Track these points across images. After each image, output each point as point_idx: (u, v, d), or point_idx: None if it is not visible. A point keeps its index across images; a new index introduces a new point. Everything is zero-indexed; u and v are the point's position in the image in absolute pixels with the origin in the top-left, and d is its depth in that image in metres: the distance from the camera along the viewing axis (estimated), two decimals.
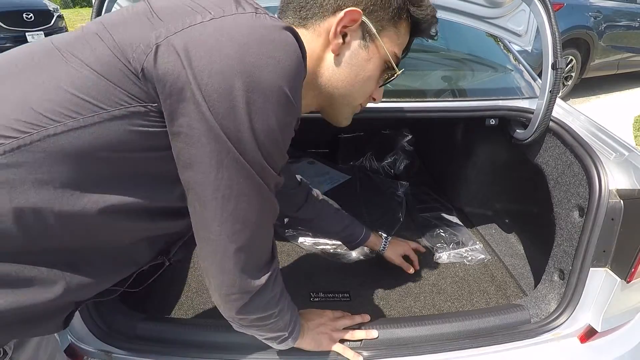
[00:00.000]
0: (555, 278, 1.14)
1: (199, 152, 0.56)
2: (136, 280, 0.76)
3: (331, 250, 1.54)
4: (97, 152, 0.55)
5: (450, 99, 1.43)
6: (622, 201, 0.98)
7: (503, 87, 1.53)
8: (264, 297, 0.72)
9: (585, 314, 1.06)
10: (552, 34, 1.09)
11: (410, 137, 2.20)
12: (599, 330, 1.05)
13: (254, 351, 0.98)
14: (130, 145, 0.57)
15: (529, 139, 1.25)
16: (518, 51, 1.68)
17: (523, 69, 1.58)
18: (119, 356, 0.98)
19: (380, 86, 0.81)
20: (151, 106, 0.56)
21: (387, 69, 0.77)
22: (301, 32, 0.70)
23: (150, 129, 0.57)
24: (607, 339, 1.09)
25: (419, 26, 0.77)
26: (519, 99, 1.36)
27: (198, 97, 0.54)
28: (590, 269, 1.03)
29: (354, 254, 1.53)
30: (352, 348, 0.99)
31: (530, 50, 1.39)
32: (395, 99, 1.28)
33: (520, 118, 1.32)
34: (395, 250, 1.37)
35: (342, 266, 1.49)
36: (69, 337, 1.00)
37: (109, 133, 0.55)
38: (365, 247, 1.42)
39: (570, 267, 1.07)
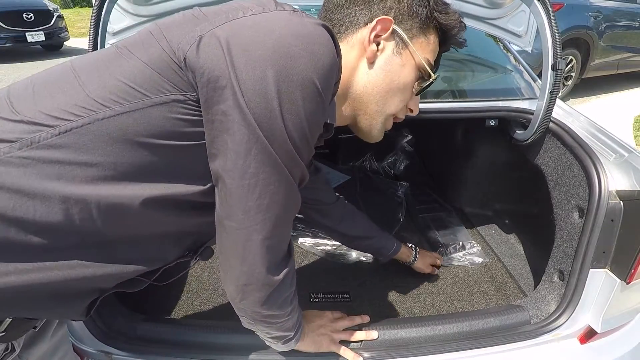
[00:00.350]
0: (555, 279, 1.15)
1: (230, 138, 0.58)
2: (162, 275, 0.77)
3: (331, 251, 1.54)
4: (138, 137, 0.58)
5: (450, 100, 1.43)
6: (621, 202, 0.98)
7: (503, 87, 1.53)
8: (282, 294, 0.73)
9: (585, 314, 1.06)
10: (552, 34, 1.09)
11: (410, 137, 2.20)
12: (598, 331, 1.05)
13: (254, 352, 0.98)
14: (168, 133, 0.59)
15: (529, 140, 1.25)
16: (518, 52, 1.68)
17: (523, 69, 1.58)
18: (119, 357, 0.98)
19: (417, 94, 0.83)
20: (190, 95, 0.58)
21: (421, 76, 0.79)
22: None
23: (187, 117, 0.59)
24: (606, 340, 1.09)
25: (448, 34, 0.80)
26: (519, 99, 1.36)
27: (235, 84, 0.55)
28: (590, 269, 1.03)
29: (354, 255, 1.53)
30: (352, 349, 0.99)
31: (530, 51, 1.39)
32: None
33: (520, 119, 1.32)
34: (424, 261, 1.41)
35: (342, 266, 1.49)
36: (69, 337, 1.00)
37: (150, 119, 0.58)
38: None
39: (570, 268, 1.07)
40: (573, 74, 5.26)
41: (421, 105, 1.32)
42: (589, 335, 1.07)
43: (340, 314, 1.08)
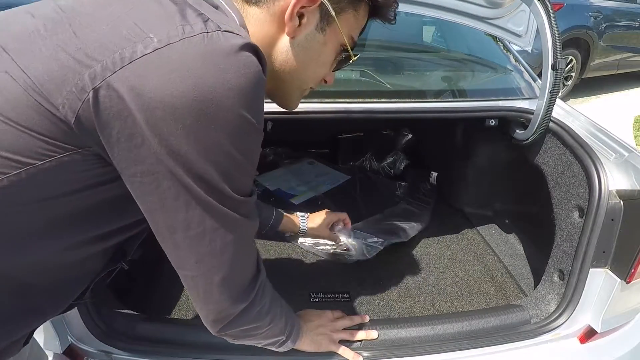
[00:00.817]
0: (555, 278, 1.15)
1: (162, 196, 0.53)
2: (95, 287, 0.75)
3: (331, 251, 1.54)
4: (39, 201, 0.52)
5: (450, 100, 1.43)
6: (621, 202, 0.98)
7: (503, 87, 1.53)
8: (251, 312, 0.70)
9: (585, 314, 1.06)
10: (552, 34, 1.09)
11: (410, 137, 2.20)
12: (598, 330, 1.05)
13: (254, 352, 0.98)
14: (73, 188, 0.53)
15: (529, 140, 1.25)
16: (518, 51, 1.68)
17: (523, 69, 1.58)
18: (119, 356, 0.98)
19: (334, 70, 0.77)
20: (88, 150, 0.51)
21: (342, 51, 0.72)
22: (253, 11, 0.63)
23: (92, 171, 0.53)
24: (606, 340, 1.09)
25: (380, 9, 0.72)
26: (519, 99, 1.36)
27: (153, 142, 0.48)
28: (590, 269, 1.03)
29: (354, 255, 1.53)
30: (352, 349, 0.99)
31: (530, 51, 1.39)
32: (395, 99, 1.28)
33: (520, 119, 1.32)
34: (317, 222, 1.31)
35: (342, 266, 1.49)
36: (69, 337, 1.00)
37: (44, 183, 0.51)
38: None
39: (570, 268, 1.07)
40: (573, 74, 5.26)
41: (422, 105, 1.32)
42: (589, 335, 1.07)
43: (340, 314, 1.08)
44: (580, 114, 1.34)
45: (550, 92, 1.13)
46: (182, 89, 0.47)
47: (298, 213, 1.30)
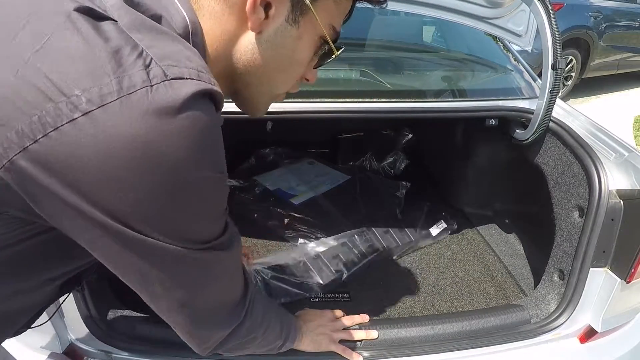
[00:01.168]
0: (555, 278, 1.14)
1: (117, 263, 0.48)
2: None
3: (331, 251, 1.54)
4: None
5: (450, 99, 1.43)
6: (622, 201, 0.98)
7: (503, 87, 1.53)
8: (242, 329, 0.67)
9: (585, 314, 1.06)
10: (552, 34, 1.09)
11: (410, 137, 2.20)
12: (598, 330, 1.05)
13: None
14: (8, 243, 0.48)
15: (529, 139, 1.25)
16: (518, 51, 1.68)
17: (523, 69, 1.58)
18: (119, 356, 0.98)
19: (316, 67, 0.65)
20: (6, 214, 0.45)
21: (323, 44, 0.59)
22: (207, 3, 0.51)
23: (22, 228, 0.48)
24: (607, 340, 1.09)
25: None
26: (519, 99, 1.36)
27: (97, 219, 0.42)
28: (590, 269, 1.03)
29: (354, 255, 1.53)
30: (352, 348, 0.99)
31: (530, 50, 1.39)
32: (395, 99, 1.28)
33: (520, 118, 1.32)
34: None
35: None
36: (68, 337, 1.00)
37: None
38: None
39: (570, 268, 1.07)
40: (573, 74, 5.26)
41: (422, 105, 1.32)
42: (589, 334, 1.07)
43: (341, 313, 1.08)
44: (580, 114, 1.34)
45: (550, 91, 1.13)
46: (125, 160, 0.39)
47: None
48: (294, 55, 0.58)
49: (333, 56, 0.61)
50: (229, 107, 0.59)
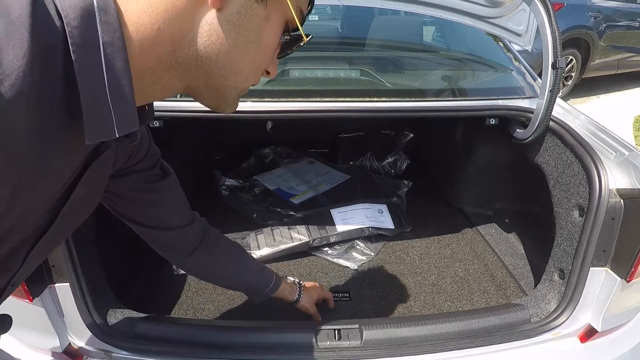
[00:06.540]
0: (556, 277, 1.14)
1: None
2: None
3: (330, 260, 1.54)
4: None
5: (450, 99, 1.43)
6: (622, 201, 0.98)
7: (503, 86, 1.53)
8: None
9: (585, 313, 1.06)
10: (552, 33, 1.09)
11: (411, 136, 2.20)
12: (599, 329, 1.05)
13: (254, 351, 0.98)
14: None
15: (529, 139, 1.25)
16: (518, 51, 1.68)
17: (523, 68, 1.58)
18: (119, 356, 0.98)
19: (280, 57, 0.57)
20: None
21: (289, 30, 0.53)
22: None
23: None
24: (607, 339, 1.09)
25: None
26: (519, 98, 1.36)
27: None
28: (591, 268, 1.03)
29: (354, 255, 1.53)
30: (352, 347, 0.99)
31: (530, 50, 1.39)
32: (395, 99, 1.28)
33: (520, 118, 1.32)
34: (310, 298, 1.20)
35: (342, 267, 1.49)
36: (68, 337, 1.00)
37: None
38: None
39: (571, 267, 1.07)
40: (573, 74, 5.26)
41: (422, 105, 1.32)
42: (589, 334, 1.07)
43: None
44: (580, 113, 1.34)
45: (550, 91, 1.13)
46: None
47: (294, 281, 1.19)
48: (261, 38, 0.50)
49: (301, 43, 0.54)
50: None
